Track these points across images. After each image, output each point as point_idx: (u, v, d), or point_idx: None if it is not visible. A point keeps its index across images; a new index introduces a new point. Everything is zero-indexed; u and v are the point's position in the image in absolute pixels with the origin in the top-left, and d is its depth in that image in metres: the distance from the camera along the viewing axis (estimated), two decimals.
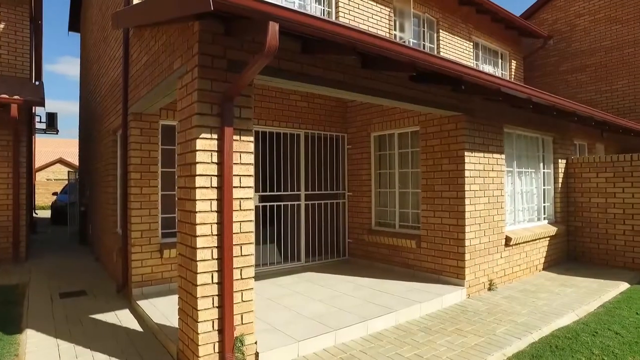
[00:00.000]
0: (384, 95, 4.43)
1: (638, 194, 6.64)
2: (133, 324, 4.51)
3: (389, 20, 8.71)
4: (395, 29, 8.99)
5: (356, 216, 7.13)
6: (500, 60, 12.30)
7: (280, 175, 6.60)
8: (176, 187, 3.74)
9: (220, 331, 3.24)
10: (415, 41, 9.56)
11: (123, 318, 4.71)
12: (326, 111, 7.10)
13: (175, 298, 4.63)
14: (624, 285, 5.97)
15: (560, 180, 7.41)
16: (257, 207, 6.25)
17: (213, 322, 3.22)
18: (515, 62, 12.64)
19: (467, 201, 5.34)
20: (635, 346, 3.96)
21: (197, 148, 3.15)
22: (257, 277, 6.03)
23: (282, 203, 6.68)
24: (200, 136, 3.17)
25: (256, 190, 6.25)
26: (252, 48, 3.43)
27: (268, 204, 6.48)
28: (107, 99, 7.04)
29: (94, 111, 8.83)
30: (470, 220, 5.40)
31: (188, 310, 3.32)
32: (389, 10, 8.71)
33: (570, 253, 7.51)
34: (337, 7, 7.78)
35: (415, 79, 4.51)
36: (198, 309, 3.14)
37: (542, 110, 5.94)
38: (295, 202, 6.81)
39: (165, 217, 5.43)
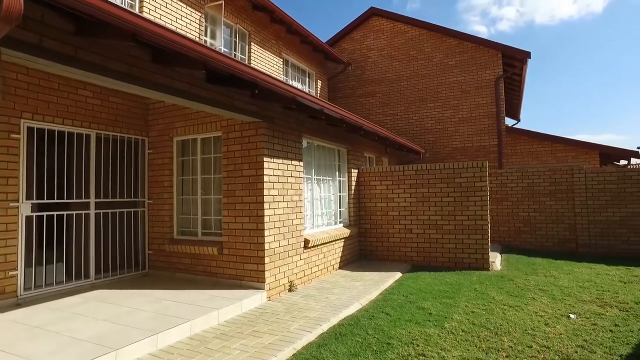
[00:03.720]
0: (178, 94, 4.22)
1: (408, 198, 7.99)
2: None
3: (200, 25, 8.53)
4: (206, 35, 8.85)
5: (157, 225, 6.61)
6: (308, 79, 13.37)
7: (63, 180, 5.64)
8: None
9: None
10: (227, 50, 9.59)
11: None
12: (124, 111, 6.44)
13: None
14: (398, 275, 7.03)
15: (353, 187, 8.37)
16: (29, 218, 5.19)
17: None
18: (321, 82, 13.93)
19: (266, 206, 5.50)
20: (398, 322, 4.64)
21: None
22: (29, 301, 4.98)
23: (66, 212, 5.71)
24: None
25: (28, 198, 5.20)
26: None
27: (46, 213, 5.45)
28: None
29: None
30: (270, 224, 5.57)
31: None
32: (200, 15, 8.53)
33: (362, 252, 8.51)
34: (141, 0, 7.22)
35: (212, 81, 4.43)
36: None
37: (335, 122, 6.61)
38: (84, 211, 5.92)
39: None
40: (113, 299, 5.16)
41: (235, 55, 9.78)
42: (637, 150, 11.05)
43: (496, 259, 7.93)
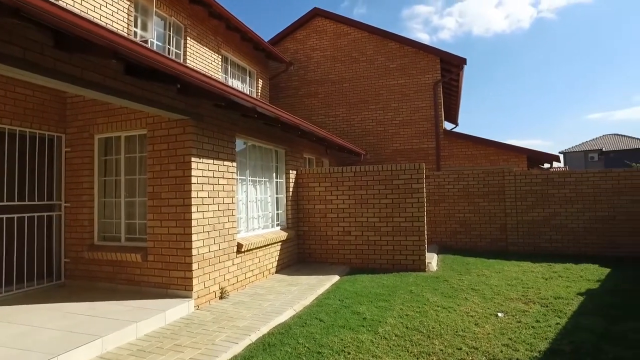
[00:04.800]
0: (90, 86, 3.80)
1: (347, 200, 7.93)
2: None
3: (129, 14, 7.95)
4: (136, 26, 8.27)
5: (75, 231, 6.03)
6: (248, 78, 13.01)
7: None
8: None
9: None
10: (160, 44, 9.05)
11: None
12: (36, 105, 5.80)
13: None
14: (335, 278, 6.92)
15: (291, 189, 8.17)
16: None
17: None
18: (262, 81, 13.62)
19: (194, 209, 5.16)
20: (331, 328, 4.50)
21: None
22: None
23: None
24: None
25: None
26: None
27: None
28: None
29: None
30: (198, 228, 5.23)
31: None
32: (129, 3, 7.95)
33: (300, 255, 8.33)
34: None
35: (132, 73, 4.05)
36: None
37: (270, 122, 6.38)
38: None
39: None
40: (15, 316, 4.57)
41: (169, 49, 9.25)
42: (559, 155, 11.83)
43: (433, 260, 8.08)
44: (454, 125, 19.71)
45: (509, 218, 9.75)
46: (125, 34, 3.96)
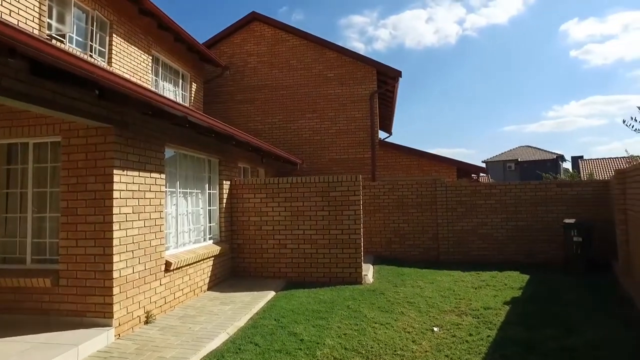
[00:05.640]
0: None
1: (283, 212, 7.71)
2: None
3: (41, 3, 7.12)
4: (50, 18, 7.45)
5: None
6: (181, 81, 12.36)
7: None
8: None
9: None
10: (80, 39, 8.25)
11: None
12: None
13: None
14: (271, 294, 6.66)
15: (225, 200, 7.78)
16: None
17: None
18: (196, 85, 13.01)
19: (116, 226, 4.65)
20: (267, 353, 4.26)
21: None
22: None
23: None
24: None
25: None
26: None
27: None
28: None
29: None
30: (121, 247, 4.73)
31: None
32: None
33: (234, 269, 7.96)
34: None
35: (39, 74, 3.53)
36: None
37: (202, 132, 6.00)
38: None
39: None
40: None
41: (92, 46, 8.46)
42: (484, 167, 12.56)
43: (369, 272, 8.09)
44: (388, 135, 20.28)
45: (440, 228, 10.10)
46: (26, 29, 3.45)
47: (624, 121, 8.14)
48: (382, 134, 16.87)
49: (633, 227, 7.05)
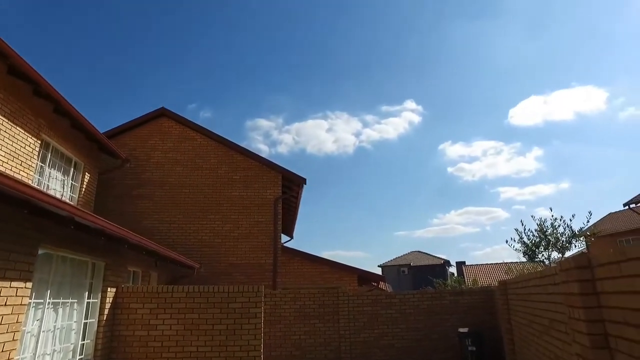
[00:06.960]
0: None
1: (175, 325, 6.83)
2: None
3: None
4: None
5: None
6: (72, 169, 11.29)
7: None
8: None
9: None
10: None
11: None
12: None
13: None
14: None
15: (106, 311, 6.70)
16: None
17: None
18: (89, 175, 11.96)
19: None
20: None
21: None
22: None
23: None
24: None
25: None
26: None
27: None
28: None
29: None
30: None
31: None
32: None
33: None
34: None
35: None
36: None
37: (91, 233, 5.30)
38: None
39: None
40: None
41: None
42: (383, 275, 12.95)
43: None
44: (289, 238, 20.26)
45: (342, 340, 9.77)
46: None
47: (506, 241, 9.17)
48: (283, 238, 16.81)
49: (517, 336, 7.54)
